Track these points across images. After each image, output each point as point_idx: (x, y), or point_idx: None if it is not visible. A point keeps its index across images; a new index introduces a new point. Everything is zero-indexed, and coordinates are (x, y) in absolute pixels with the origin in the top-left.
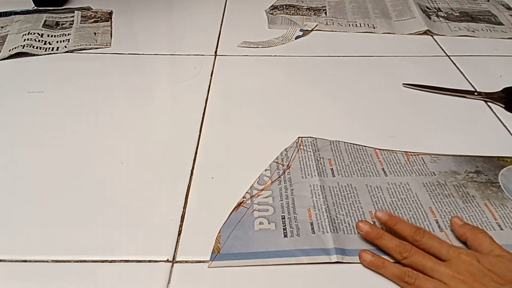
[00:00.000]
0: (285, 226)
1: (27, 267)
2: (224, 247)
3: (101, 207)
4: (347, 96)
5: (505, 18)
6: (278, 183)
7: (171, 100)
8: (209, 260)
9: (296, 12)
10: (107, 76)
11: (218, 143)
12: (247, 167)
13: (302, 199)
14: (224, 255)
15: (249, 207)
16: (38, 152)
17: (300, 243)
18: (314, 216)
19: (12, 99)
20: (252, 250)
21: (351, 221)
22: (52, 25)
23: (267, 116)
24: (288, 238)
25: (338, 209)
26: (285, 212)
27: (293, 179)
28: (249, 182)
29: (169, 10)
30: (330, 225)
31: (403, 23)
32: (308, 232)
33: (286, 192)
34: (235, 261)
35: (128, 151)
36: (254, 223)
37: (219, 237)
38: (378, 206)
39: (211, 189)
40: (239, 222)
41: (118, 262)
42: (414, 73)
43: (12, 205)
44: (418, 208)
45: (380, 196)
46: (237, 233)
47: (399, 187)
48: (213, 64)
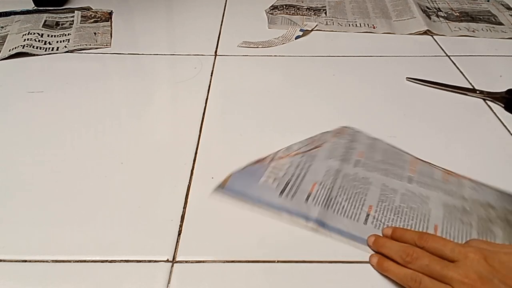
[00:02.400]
0: (285, 188)
1: (27, 267)
2: (228, 184)
3: (101, 207)
4: (347, 96)
5: (505, 18)
6: (300, 156)
7: (171, 100)
8: (219, 189)
9: (296, 12)
10: (107, 76)
11: (218, 143)
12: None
13: (314, 174)
14: (226, 190)
15: (264, 166)
16: (38, 152)
17: (289, 204)
18: (315, 190)
19: (12, 99)
20: (249, 193)
21: (347, 205)
22: (52, 25)
23: (267, 116)
24: (282, 197)
25: (341, 192)
26: (292, 179)
27: (316, 157)
28: None
29: (169, 10)
30: (325, 201)
31: (403, 23)
32: (302, 199)
33: (303, 166)
34: (233, 198)
35: (128, 151)
36: (261, 178)
37: (229, 177)
38: (382, 205)
39: (211, 189)
40: (250, 173)
41: (118, 262)
42: (414, 73)
43: (12, 205)
44: (422, 221)
45: (390, 197)
46: (244, 179)
47: (416, 197)
48: (213, 64)
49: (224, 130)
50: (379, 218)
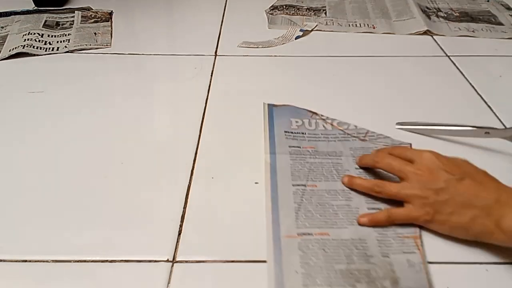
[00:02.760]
0: (292, 133)
1: (27, 267)
2: (279, 108)
3: (101, 207)
4: (347, 96)
5: (505, 18)
6: (340, 133)
7: (171, 100)
8: (271, 105)
9: (296, 12)
10: (107, 76)
11: (218, 143)
12: (247, 167)
13: (322, 146)
14: (275, 109)
15: (310, 116)
16: (38, 152)
17: (278, 139)
18: (308, 150)
19: (13, 99)
20: (275, 122)
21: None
22: (53, 25)
23: (266, 116)
24: (284, 134)
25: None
26: (306, 134)
27: (345, 143)
28: (249, 181)
29: (169, 10)
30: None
31: (403, 23)
32: (289, 145)
33: (329, 137)
34: (267, 117)
35: (128, 151)
36: (296, 118)
37: (285, 105)
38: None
39: (211, 189)
40: (298, 111)
41: (118, 262)
42: (414, 73)
43: (12, 205)
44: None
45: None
46: (289, 112)
47: None
48: (213, 64)
49: (224, 130)
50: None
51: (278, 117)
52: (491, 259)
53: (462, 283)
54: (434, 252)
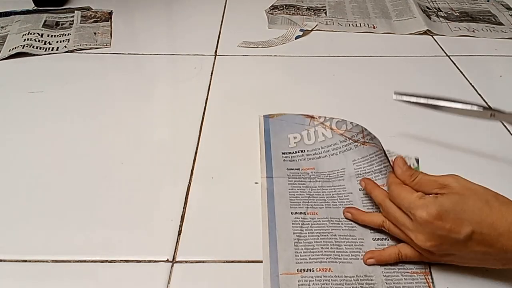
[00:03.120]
0: (290, 153)
1: (27, 267)
2: (275, 119)
3: (101, 207)
4: (347, 96)
5: (505, 18)
6: (341, 140)
7: (171, 100)
8: (266, 117)
9: (296, 12)
10: (107, 76)
11: (218, 143)
12: (247, 167)
13: (324, 162)
14: (270, 121)
15: (307, 125)
16: (38, 152)
17: (275, 163)
18: (307, 171)
19: (12, 99)
20: (272, 138)
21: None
22: (52, 25)
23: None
24: (280, 156)
25: (317, 194)
26: (306, 152)
27: (348, 152)
28: (249, 181)
29: (169, 10)
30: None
31: (403, 23)
32: (287, 167)
33: (330, 148)
34: (263, 129)
35: (128, 151)
36: (293, 133)
37: (280, 114)
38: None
39: (211, 189)
40: (294, 122)
41: (118, 262)
42: (414, 73)
43: (12, 205)
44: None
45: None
46: (285, 124)
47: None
48: (213, 64)
49: (224, 130)
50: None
51: (275, 134)
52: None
53: (462, 283)
54: None
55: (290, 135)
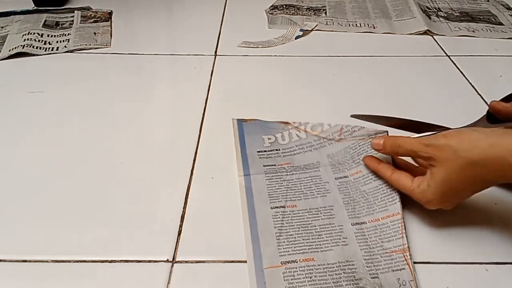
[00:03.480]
0: (266, 151)
1: (27, 267)
2: (249, 123)
3: (101, 207)
4: (347, 96)
5: (505, 18)
6: (315, 140)
7: (171, 100)
8: (240, 120)
9: (296, 12)
10: (107, 76)
11: (218, 143)
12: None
13: (299, 158)
14: (244, 125)
15: (282, 128)
16: (38, 152)
17: (251, 160)
18: (283, 166)
19: (12, 99)
20: (246, 139)
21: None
22: (52, 25)
23: (267, 116)
24: (256, 153)
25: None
26: (281, 150)
27: (322, 148)
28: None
29: (169, 10)
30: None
31: (403, 23)
32: (263, 164)
33: (304, 147)
34: (237, 133)
35: (128, 151)
36: (268, 134)
37: (254, 119)
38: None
39: (211, 189)
40: (268, 126)
41: (118, 262)
42: (414, 73)
43: (12, 205)
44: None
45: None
46: (259, 127)
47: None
48: (213, 64)
49: (224, 130)
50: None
51: (249, 134)
52: (491, 259)
53: (462, 283)
54: (433, 252)
55: (264, 136)
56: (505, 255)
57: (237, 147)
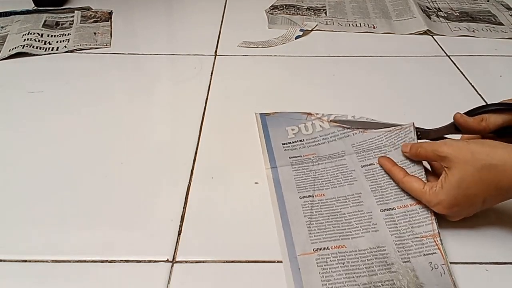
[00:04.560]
0: (290, 143)
1: (27, 267)
2: (272, 116)
3: (101, 207)
4: (347, 96)
5: (505, 18)
6: (339, 130)
7: (171, 100)
8: (263, 115)
9: (296, 12)
10: (107, 76)
11: (218, 143)
12: (247, 167)
13: (324, 148)
14: (268, 119)
15: (305, 119)
16: (38, 152)
17: (277, 153)
18: (307, 157)
19: (12, 99)
20: (271, 132)
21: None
22: (52, 25)
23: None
24: (281, 146)
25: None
26: (305, 140)
27: (347, 138)
28: (249, 181)
29: (169, 10)
30: (299, 167)
31: (403, 23)
32: (289, 155)
33: (328, 137)
34: (261, 126)
35: (128, 151)
36: (291, 126)
37: (275, 113)
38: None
39: (211, 189)
40: (291, 117)
41: (118, 262)
42: (414, 73)
43: (12, 205)
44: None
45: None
46: (282, 120)
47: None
48: (213, 64)
49: (224, 130)
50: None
51: (273, 127)
52: (491, 259)
53: (462, 283)
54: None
55: (287, 127)
56: (505, 255)
57: (262, 140)
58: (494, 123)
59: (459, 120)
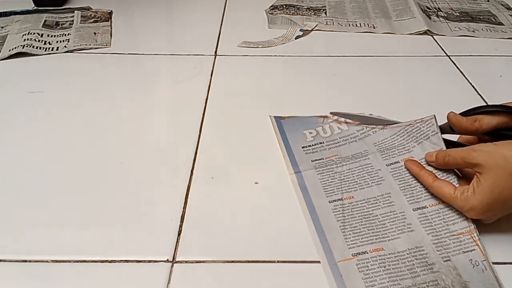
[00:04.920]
0: (310, 146)
1: (27, 267)
2: (286, 120)
3: (101, 207)
4: (347, 96)
5: (505, 18)
6: (358, 129)
7: (171, 100)
8: (278, 118)
9: (296, 12)
10: (107, 76)
11: (218, 143)
12: (247, 167)
13: (345, 149)
14: (283, 123)
15: (321, 122)
16: (38, 152)
17: (298, 156)
18: (329, 159)
19: (12, 99)
20: (287, 135)
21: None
22: (52, 25)
23: (267, 116)
24: (301, 149)
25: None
26: (325, 142)
27: (368, 137)
28: (249, 181)
29: (169, 10)
30: (324, 170)
31: (403, 23)
32: (311, 158)
33: (349, 137)
34: (277, 131)
35: (128, 151)
36: (308, 129)
37: (289, 117)
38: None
39: (211, 189)
40: (307, 121)
41: (118, 262)
42: (414, 73)
43: (12, 205)
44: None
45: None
46: (298, 123)
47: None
48: (213, 64)
49: (224, 130)
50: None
51: (290, 131)
52: (491, 259)
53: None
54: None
55: (305, 131)
56: (506, 255)
57: (281, 145)
58: (487, 124)
59: (452, 120)
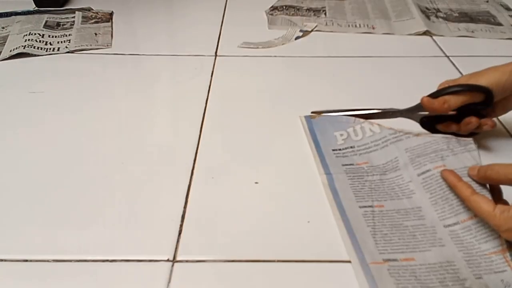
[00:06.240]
0: (341, 149)
1: (27, 266)
2: (317, 120)
3: (101, 207)
4: (347, 96)
5: (504, 19)
6: (391, 133)
7: (172, 100)
8: (308, 117)
9: (296, 12)
10: (107, 77)
11: (218, 143)
12: (247, 167)
13: (378, 155)
14: (313, 122)
15: (353, 122)
16: (39, 152)
17: (329, 159)
18: (361, 166)
19: (14, 99)
20: (318, 136)
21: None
22: (53, 25)
23: (267, 117)
24: (331, 152)
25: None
26: (356, 146)
27: (400, 142)
28: (249, 181)
29: (170, 10)
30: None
31: (403, 23)
32: (342, 163)
33: (381, 142)
34: (308, 131)
35: (128, 151)
36: (339, 131)
37: (320, 113)
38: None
39: (211, 189)
40: (338, 121)
41: (119, 262)
42: (414, 74)
43: (12, 204)
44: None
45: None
46: (328, 123)
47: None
48: (213, 64)
49: (224, 130)
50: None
51: (320, 132)
52: None
53: None
54: None
55: (335, 133)
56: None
57: (312, 146)
58: (454, 103)
59: (426, 103)
